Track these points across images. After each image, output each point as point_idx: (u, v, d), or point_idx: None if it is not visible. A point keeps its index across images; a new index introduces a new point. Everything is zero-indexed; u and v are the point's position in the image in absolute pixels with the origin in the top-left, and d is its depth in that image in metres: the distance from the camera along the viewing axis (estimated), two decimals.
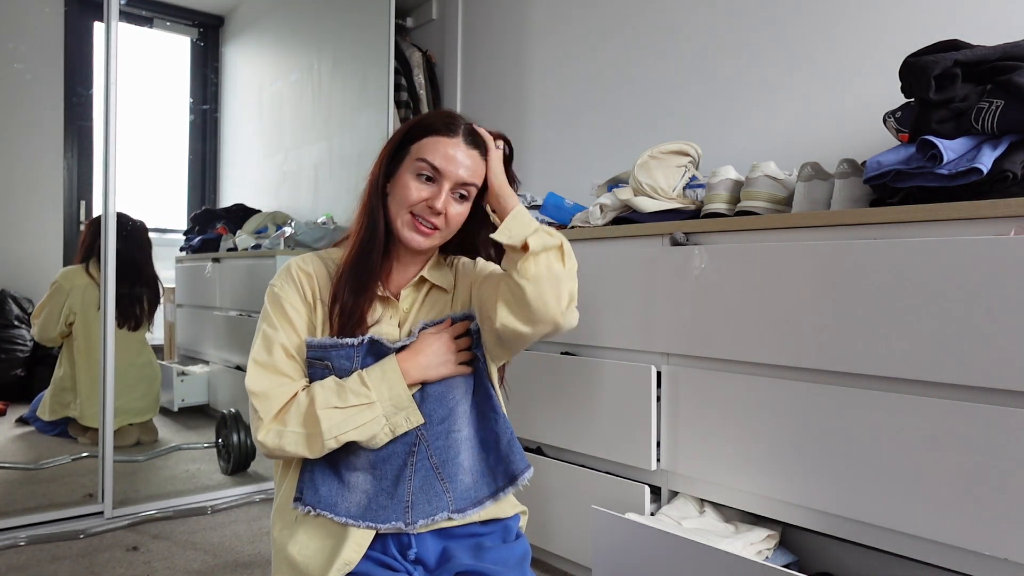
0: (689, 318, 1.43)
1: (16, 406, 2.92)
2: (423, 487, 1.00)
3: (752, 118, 1.87)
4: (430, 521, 1.00)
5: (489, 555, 1.00)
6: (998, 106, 1.09)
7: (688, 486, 1.46)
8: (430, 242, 1.02)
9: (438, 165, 0.99)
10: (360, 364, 1.01)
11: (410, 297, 1.07)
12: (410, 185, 1.00)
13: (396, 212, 1.02)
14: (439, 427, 1.02)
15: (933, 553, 1.10)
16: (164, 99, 3.73)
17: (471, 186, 1.02)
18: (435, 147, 1.00)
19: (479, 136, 1.04)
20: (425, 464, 1.01)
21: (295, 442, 0.96)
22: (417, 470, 1.01)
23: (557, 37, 2.48)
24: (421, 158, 1.00)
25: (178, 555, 1.84)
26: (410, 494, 1.00)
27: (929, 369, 1.08)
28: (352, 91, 3.07)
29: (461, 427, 1.04)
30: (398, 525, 0.99)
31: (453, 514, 1.01)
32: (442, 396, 1.02)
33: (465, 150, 1.01)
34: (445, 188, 0.99)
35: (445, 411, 1.02)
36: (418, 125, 1.04)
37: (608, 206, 1.67)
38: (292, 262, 1.07)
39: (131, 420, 2.76)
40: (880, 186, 1.22)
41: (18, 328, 2.96)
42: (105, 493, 2.08)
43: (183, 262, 3.56)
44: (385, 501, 1.00)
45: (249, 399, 0.98)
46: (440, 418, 1.02)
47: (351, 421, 0.96)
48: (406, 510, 0.99)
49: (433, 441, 1.01)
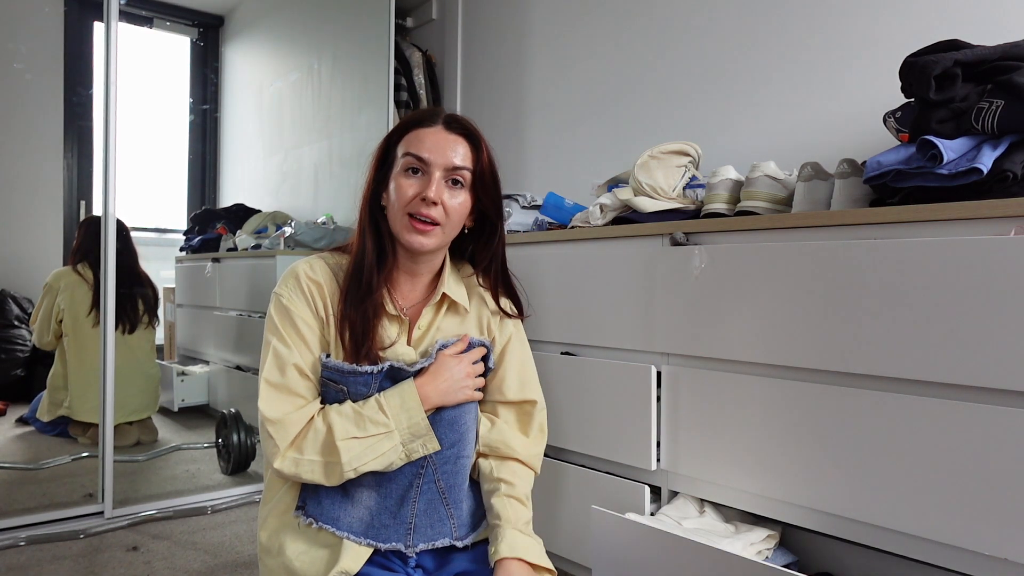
0: (689, 318, 1.43)
1: (16, 406, 2.93)
2: (427, 510, 0.99)
3: (752, 118, 1.87)
4: (431, 545, 0.99)
5: (487, 557, 1.00)
6: (998, 106, 1.09)
7: (688, 486, 1.46)
8: (432, 240, 0.98)
9: (424, 155, 0.97)
10: (377, 389, 0.98)
11: (428, 315, 1.04)
12: (401, 184, 0.98)
13: (396, 219, 0.99)
14: (448, 452, 1.00)
15: (933, 553, 1.10)
16: (164, 99, 3.73)
17: (463, 170, 0.99)
18: (418, 138, 0.98)
19: (462, 122, 1.02)
20: (432, 487, 1.00)
21: (312, 471, 0.93)
22: (423, 492, 0.99)
23: (557, 37, 2.48)
24: (406, 153, 0.98)
25: (178, 555, 1.84)
26: (413, 516, 0.99)
27: (929, 369, 1.08)
28: (352, 91, 3.07)
29: (469, 452, 1.03)
30: (398, 546, 0.98)
31: (455, 540, 1.00)
32: (454, 421, 1.00)
33: (448, 135, 0.99)
34: (435, 176, 0.96)
35: (456, 436, 1.01)
36: (398, 127, 1.03)
37: (608, 206, 1.67)
38: (300, 269, 1.02)
39: (128, 418, 2.76)
40: (880, 186, 1.22)
41: (18, 328, 2.96)
42: (105, 493, 2.08)
43: (183, 262, 3.56)
44: (388, 520, 0.99)
45: (262, 423, 0.94)
46: (451, 443, 1.00)
47: (370, 452, 0.93)
48: (408, 532, 0.98)
49: (441, 465, 1.00)
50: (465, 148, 1.00)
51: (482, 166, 1.01)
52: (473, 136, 1.01)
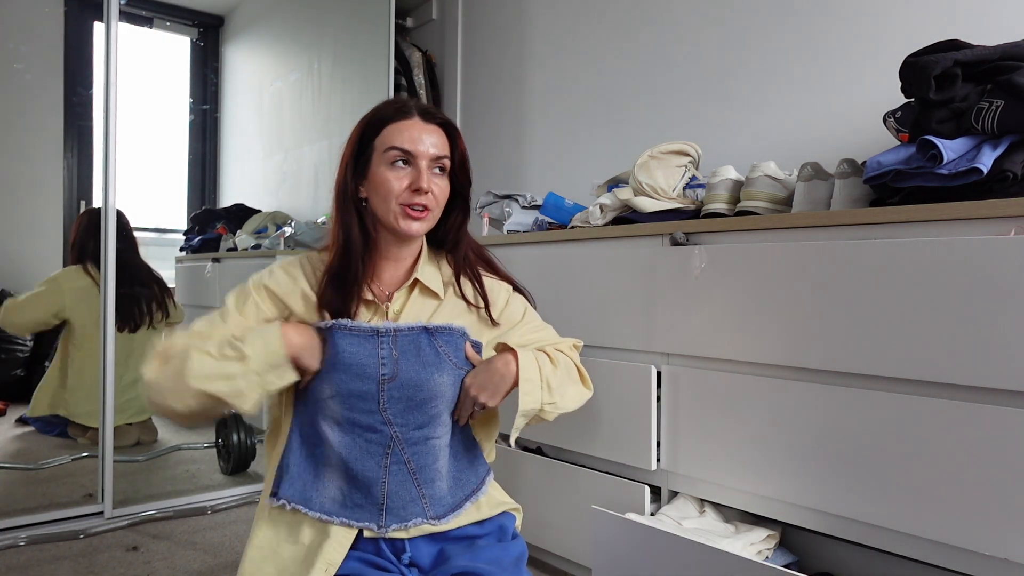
0: (689, 318, 1.43)
1: (16, 406, 2.92)
2: (398, 491, 1.00)
3: (752, 118, 1.87)
4: (403, 527, 0.99)
5: (484, 554, 1.00)
6: (998, 106, 1.09)
7: (688, 486, 1.46)
8: (425, 225, 1.03)
9: (409, 148, 1.00)
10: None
11: (400, 299, 1.06)
12: (388, 177, 1.00)
13: (383, 208, 1.01)
14: (416, 432, 1.00)
15: (933, 553, 1.10)
16: (164, 99, 3.73)
17: (444, 158, 1.03)
18: (399, 132, 1.01)
19: (435, 112, 1.06)
20: (402, 468, 1.00)
21: (165, 378, 0.91)
22: (392, 473, 0.99)
23: (557, 37, 2.48)
24: (390, 147, 1.00)
25: (178, 555, 1.84)
26: (384, 497, 0.99)
27: (929, 369, 1.08)
28: (352, 91, 3.07)
29: (441, 434, 1.03)
30: (371, 526, 0.99)
31: (431, 520, 1.00)
32: (423, 404, 1.00)
33: (427, 126, 1.03)
34: (423, 167, 1.00)
35: (424, 419, 1.01)
36: (371, 121, 1.05)
37: (608, 206, 1.67)
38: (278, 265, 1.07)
39: (129, 419, 2.76)
40: (880, 186, 1.22)
41: None
42: (105, 493, 2.08)
43: (183, 262, 3.56)
44: (360, 499, 0.99)
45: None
46: (417, 424, 1.00)
47: (219, 370, 0.91)
48: (380, 512, 0.99)
49: (410, 446, 1.00)
50: (443, 137, 1.04)
51: (459, 152, 1.07)
52: (448, 125, 1.06)
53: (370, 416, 0.99)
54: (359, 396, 0.98)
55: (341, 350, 0.98)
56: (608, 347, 1.61)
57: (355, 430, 0.99)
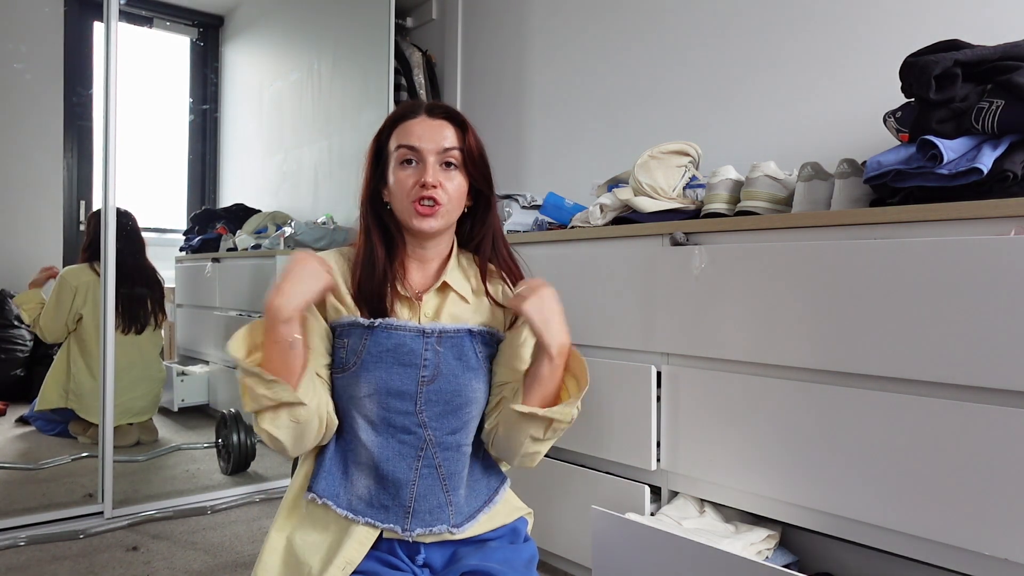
0: (689, 318, 1.43)
1: (16, 406, 2.93)
2: (427, 495, 0.99)
3: (752, 118, 1.87)
4: (428, 532, 0.99)
5: (496, 555, 1.00)
6: (998, 106, 1.09)
7: (688, 486, 1.46)
8: (438, 221, 1.01)
9: (414, 143, 1.00)
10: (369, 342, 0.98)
11: (433, 302, 1.05)
12: (399, 176, 1.01)
13: (400, 209, 1.02)
14: (449, 438, 1.00)
15: (933, 553, 1.10)
16: (164, 99, 3.73)
17: (453, 151, 1.02)
18: (405, 130, 1.02)
19: (443, 106, 1.06)
20: (432, 473, 1.00)
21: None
22: (422, 476, 0.99)
23: (557, 37, 2.48)
24: (399, 146, 1.02)
25: (178, 555, 1.84)
26: (412, 500, 0.99)
27: (929, 369, 1.08)
28: (352, 91, 3.07)
29: (471, 442, 1.04)
30: (395, 529, 0.98)
31: (452, 528, 1.00)
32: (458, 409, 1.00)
33: (432, 121, 1.02)
34: (429, 162, 1.00)
35: (459, 423, 1.01)
36: (385, 125, 1.06)
37: (608, 206, 1.67)
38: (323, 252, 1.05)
39: (130, 420, 2.76)
40: (880, 186, 1.22)
41: (18, 328, 2.96)
42: (105, 493, 2.08)
43: (183, 262, 3.56)
44: (387, 501, 0.99)
45: None
46: (451, 429, 1.00)
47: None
48: (406, 516, 0.99)
49: (443, 451, 1.00)
50: (450, 130, 1.03)
51: (469, 144, 1.04)
52: (456, 117, 1.05)
53: (405, 417, 0.98)
54: (397, 395, 0.97)
55: (385, 348, 0.98)
56: (608, 347, 1.61)
57: (389, 430, 0.99)
